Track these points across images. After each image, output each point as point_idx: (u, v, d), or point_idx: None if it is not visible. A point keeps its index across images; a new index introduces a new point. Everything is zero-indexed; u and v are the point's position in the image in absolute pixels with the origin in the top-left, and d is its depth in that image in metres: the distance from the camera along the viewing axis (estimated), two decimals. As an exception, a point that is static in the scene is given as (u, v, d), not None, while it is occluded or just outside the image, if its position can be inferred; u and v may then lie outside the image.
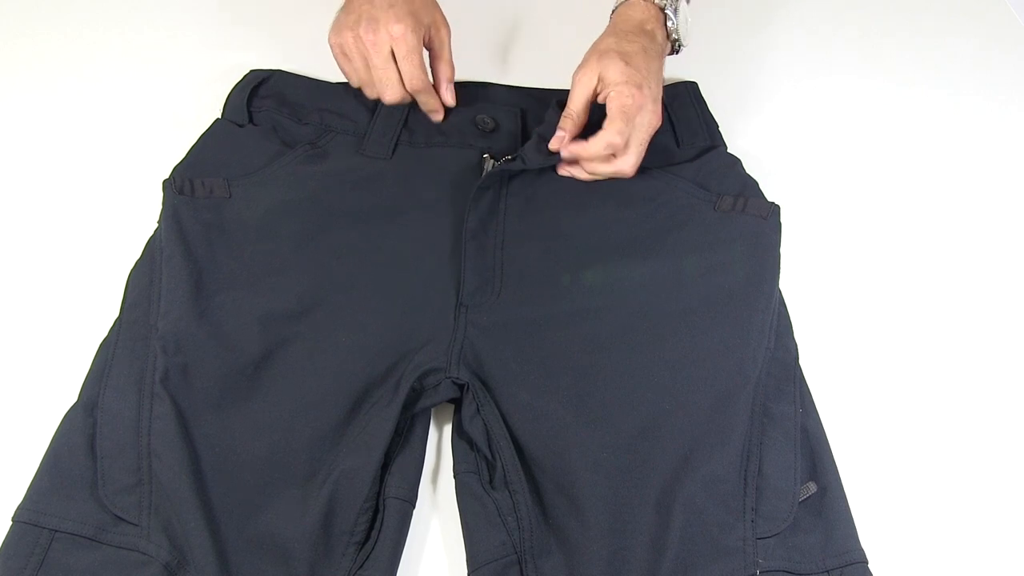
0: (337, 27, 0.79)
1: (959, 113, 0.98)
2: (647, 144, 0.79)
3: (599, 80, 0.76)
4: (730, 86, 0.96)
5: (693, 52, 0.96)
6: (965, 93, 0.99)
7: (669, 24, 0.81)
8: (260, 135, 0.82)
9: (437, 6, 0.82)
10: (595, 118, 0.78)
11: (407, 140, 0.82)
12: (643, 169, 0.82)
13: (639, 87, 0.75)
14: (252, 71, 0.87)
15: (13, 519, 0.64)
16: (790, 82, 0.99)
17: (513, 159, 0.79)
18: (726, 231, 0.78)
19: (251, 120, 0.84)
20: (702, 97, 0.90)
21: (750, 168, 0.83)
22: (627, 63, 0.76)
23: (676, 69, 0.95)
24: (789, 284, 0.79)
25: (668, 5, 0.81)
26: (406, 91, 0.80)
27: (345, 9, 0.80)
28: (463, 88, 0.87)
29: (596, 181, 0.81)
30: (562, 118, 0.78)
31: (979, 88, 1.00)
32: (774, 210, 0.79)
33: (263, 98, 0.85)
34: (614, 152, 0.77)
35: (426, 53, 0.82)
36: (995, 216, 0.90)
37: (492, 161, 0.80)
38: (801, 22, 1.05)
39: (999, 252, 0.88)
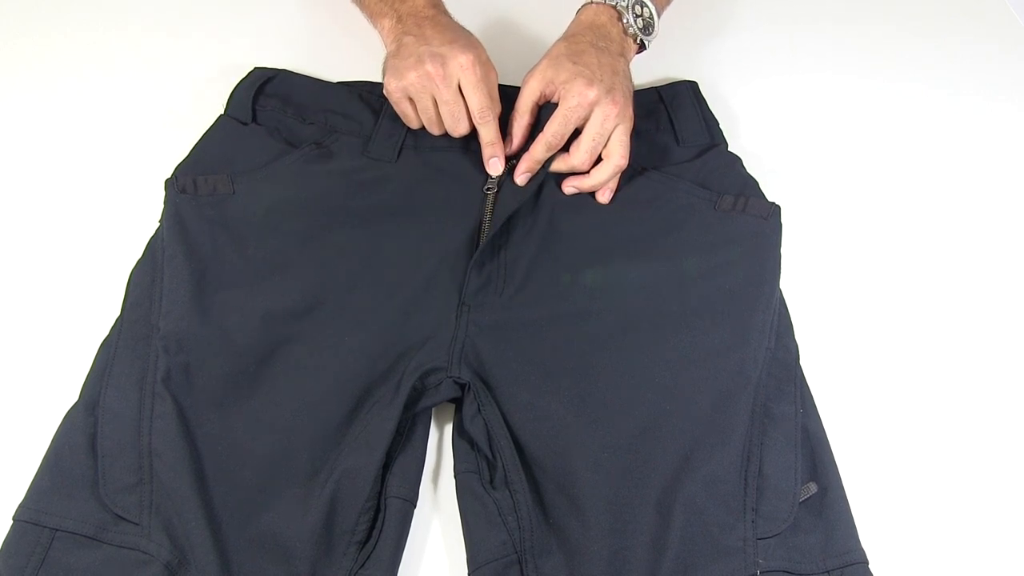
0: (396, 72, 0.76)
1: (959, 113, 0.98)
2: (628, 132, 0.78)
3: (549, 83, 0.76)
4: (730, 86, 0.96)
5: (693, 52, 0.96)
6: (965, 93, 0.99)
7: (624, 21, 0.81)
8: (264, 133, 0.82)
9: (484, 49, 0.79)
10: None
11: (412, 144, 0.82)
12: (643, 169, 0.82)
13: (588, 81, 0.75)
14: (256, 68, 0.87)
15: (14, 518, 0.64)
16: (790, 81, 0.99)
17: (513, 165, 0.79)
18: (726, 231, 0.78)
19: (255, 118, 0.84)
20: (702, 96, 0.90)
21: (750, 167, 0.83)
22: (575, 62, 0.76)
23: (677, 69, 0.95)
24: (789, 284, 0.79)
25: (621, 3, 0.81)
26: (471, 125, 0.78)
27: (398, 55, 0.77)
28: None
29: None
30: (511, 122, 0.79)
31: (979, 88, 1.00)
32: (774, 210, 0.79)
33: (268, 97, 0.85)
34: (552, 150, 0.77)
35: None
36: (995, 216, 0.90)
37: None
38: (801, 21, 1.05)
39: (999, 252, 0.88)
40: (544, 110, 0.78)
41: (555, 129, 0.76)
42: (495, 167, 0.78)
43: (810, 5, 1.06)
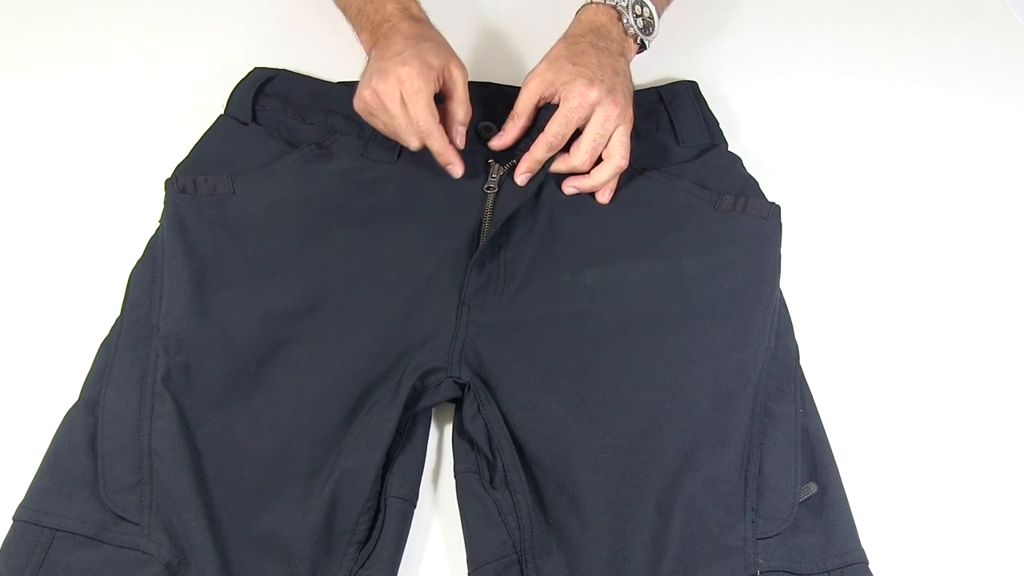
0: (356, 93, 0.77)
1: (959, 113, 0.98)
2: (629, 133, 0.78)
3: (549, 84, 0.76)
4: (730, 86, 0.96)
5: (693, 52, 0.96)
6: (965, 93, 0.99)
7: (624, 21, 0.81)
8: (264, 133, 0.82)
9: (451, 50, 0.78)
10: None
11: None
12: (643, 169, 0.82)
13: (589, 81, 0.75)
14: (256, 68, 0.87)
15: (14, 518, 0.64)
16: (790, 81, 0.99)
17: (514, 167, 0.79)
18: (726, 231, 0.78)
19: (255, 119, 0.84)
20: (702, 96, 0.90)
21: (750, 167, 0.83)
22: (575, 63, 0.76)
23: (677, 69, 0.95)
24: (789, 284, 0.79)
25: (621, 3, 0.80)
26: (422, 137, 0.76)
27: (362, 74, 0.78)
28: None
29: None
30: (507, 120, 0.79)
31: (979, 88, 1.00)
32: (774, 210, 0.79)
33: (268, 97, 0.85)
34: (553, 151, 0.77)
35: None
36: (995, 216, 0.90)
37: (497, 166, 0.80)
38: (801, 21, 1.05)
39: (999, 252, 0.88)
40: (544, 111, 0.78)
41: (556, 130, 0.75)
42: (455, 171, 0.78)
43: (810, 5, 1.06)
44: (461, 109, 0.77)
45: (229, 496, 0.66)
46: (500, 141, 0.79)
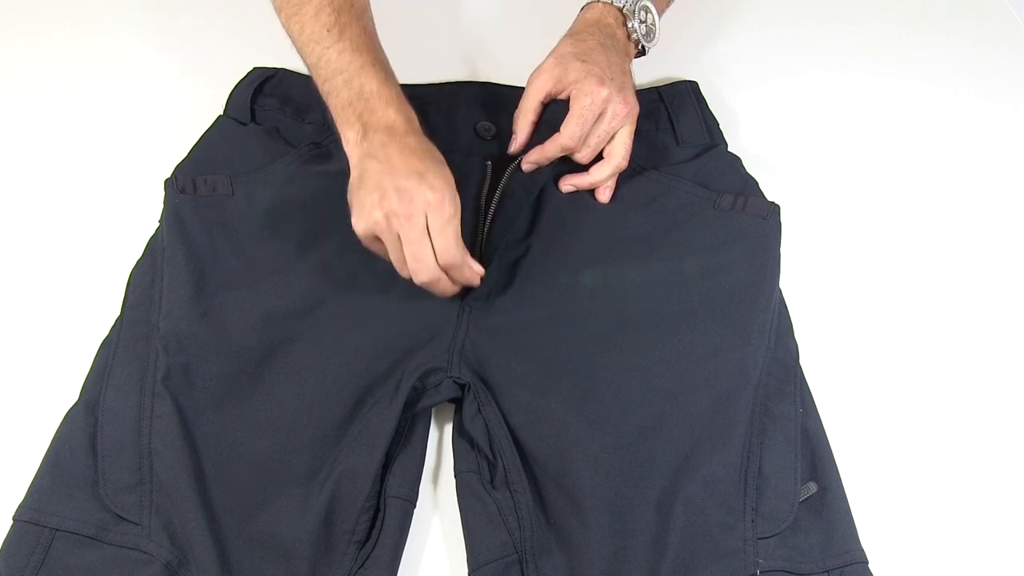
0: (360, 209, 0.68)
1: (959, 113, 0.98)
2: (632, 134, 0.78)
3: (558, 81, 0.75)
4: (731, 86, 0.96)
5: (693, 52, 0.96)
6: (965, 93, 0.99)
7: (629, 25, 0.80)
8: (263, 133, 0.82)
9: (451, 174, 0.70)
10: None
11: None
12: (643, 169, 0.82)
13: (600, 80, 0.74)
14: (255, 68, 0.87)
15: (14, 518, 0.64)
16: (790, 81, 0.99)
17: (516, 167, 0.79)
18: (726, 231, 0.78)
19: (254, 118, 0.84)
20: (702, 96, 0.90)
21: (750, 167, 0.83)
22: (583, 61, 0.75)
23: (677, 69, 0.95)
24: (789, 284, 0.79)
25: (627, 6, 0.80)
26: (440, 270, 0.69)
27: (364, 187, 0.68)
28: (465, 87, 0.87)
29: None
30: (515, 119, 0.77)
31: (979, 88, 1.00)
32: (774, 210, 0.79)
33: (266, 96, 0.85)
34: (571, 153, 0.76)
35: None
36: (995, 216, 0.90)
37: (494, 167, 0.79)
38: (801, 22, 1.05)
39: (999, 252, 0.88)
40: (550, 107, 0.77)
41: (572, 131, 0.74)
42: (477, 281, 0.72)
43: (810, 5, 1.06)
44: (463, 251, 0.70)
45: (229, 496, 0.66)
46: (515, 144, 0.77)
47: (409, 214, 0.66)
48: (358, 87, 0.71)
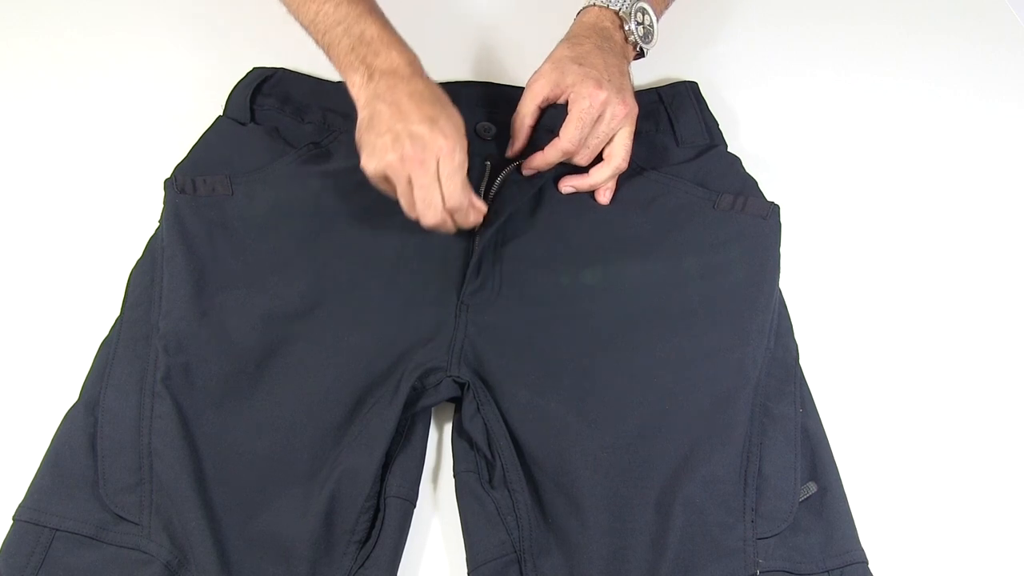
0: (372, 150, 0.69)
1: (959, 113, 0.98)
2: (631, 136, 0.78)
3: (555, 86, 0.75)
4: (730, 86, 0.96)
5: (693, 52, 0.96)
6: (965, 93, 0.99)
7: (626, 28, 0.80)
8: (263, 133, 0.82)
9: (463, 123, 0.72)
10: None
11: None
12: (642, 169, 0.82)
13: (598, 82, 0.74)
14: (255, 68, 0.87)
15: (14, 518, 0.64)
16: (790, 81, 0.99)
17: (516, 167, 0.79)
18: (726, 231, 0.78)
19: (253, 118, 0.84)
20: (702, 96, 0.90)
21: (750, 167, 0.83)
22: (581, 64, 0.75)
23: (677, 69, 0.95)
24: (789, 284, 0.79)
25: (624, 9, 0.80)
26: (446, 213, 0.71)
27: (372, 129, 0.70)
28: (465, 87, 0.87)
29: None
30: (512, 125, 0.77)
31: (979, 88, 1.00)
32: (774, 210, 0.79)
33: (266, 96, 0.85)
34: (570, 156, 0.76)
35: None
36: (995, 216, 0.90)
37: (494, 167, 0.79)
38: (801, 22, 1.05)
39: (999, 252, 0.88)
40: (548, 112, 0.77)
41: (571, 134, 0.74)
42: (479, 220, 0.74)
43: (810, 5, 1.06)
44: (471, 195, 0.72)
45: (229, 496, 0.66)
46: (513, 149, 0.78)
47: (422, 159, 0.68)
48: (358, 32, 0.73)
